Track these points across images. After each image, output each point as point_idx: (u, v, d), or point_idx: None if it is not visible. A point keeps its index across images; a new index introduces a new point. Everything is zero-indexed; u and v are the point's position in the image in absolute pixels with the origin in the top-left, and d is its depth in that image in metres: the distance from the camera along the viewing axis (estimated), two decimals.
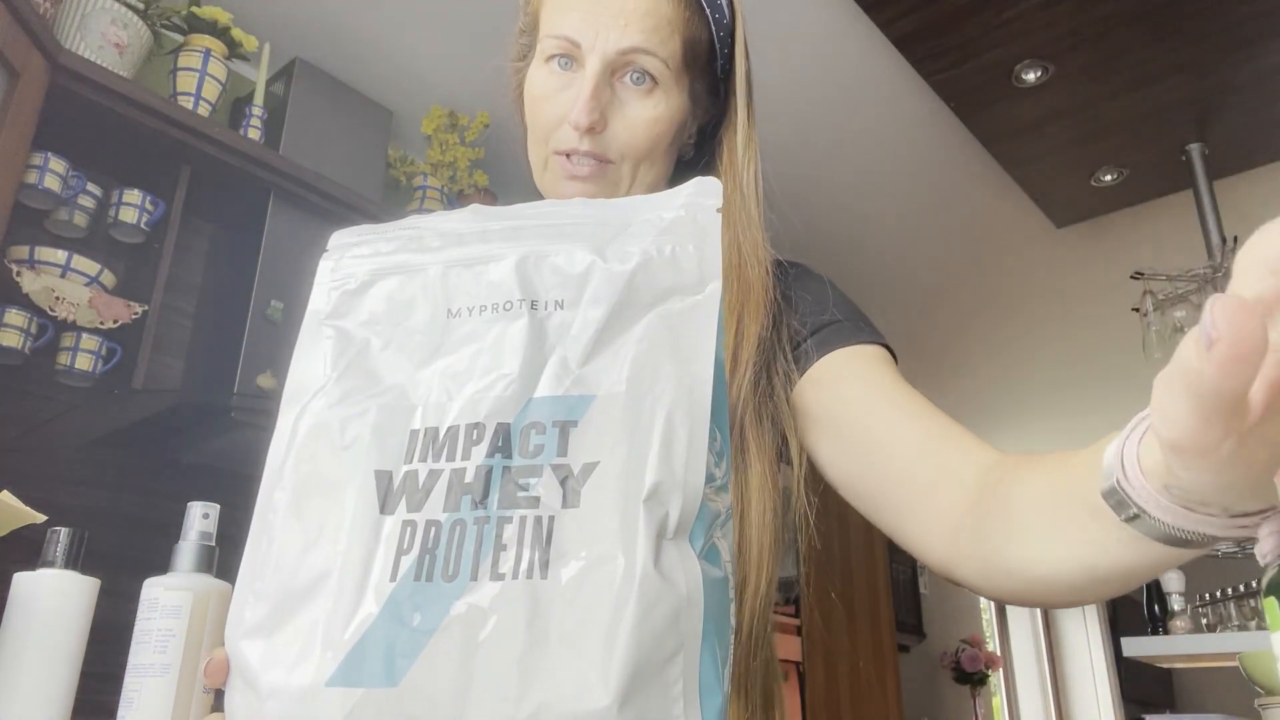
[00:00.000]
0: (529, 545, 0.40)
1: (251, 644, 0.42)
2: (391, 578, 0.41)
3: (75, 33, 1.79)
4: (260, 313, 1.95)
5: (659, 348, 0.44)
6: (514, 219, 0.50)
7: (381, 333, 0.48)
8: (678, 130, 0.78)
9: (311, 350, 0.49)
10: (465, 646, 0.39)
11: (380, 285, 0.49)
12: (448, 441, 0.43)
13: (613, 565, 0.39)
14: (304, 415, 0.47)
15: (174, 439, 1.89)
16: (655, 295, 0.46)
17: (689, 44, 0.77)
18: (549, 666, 0.38)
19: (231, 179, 2.00)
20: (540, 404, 0.43)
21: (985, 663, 4.45)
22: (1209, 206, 2.67)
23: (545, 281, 0.47)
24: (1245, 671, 1.58)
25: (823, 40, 2.36)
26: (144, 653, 0.71)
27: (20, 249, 1.75)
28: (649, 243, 0.47)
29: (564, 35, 0.75)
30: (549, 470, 0.42)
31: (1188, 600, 2.76)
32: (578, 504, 0.41)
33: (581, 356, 0.45)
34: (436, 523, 0.42)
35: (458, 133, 2.49)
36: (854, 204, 3.07)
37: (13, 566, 0.82)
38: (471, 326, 0.47)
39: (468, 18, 2.25)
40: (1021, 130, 2.68)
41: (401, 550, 0.41)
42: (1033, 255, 3.42)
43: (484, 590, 0.40)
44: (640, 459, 0.41)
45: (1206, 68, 2.43)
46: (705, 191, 0.49)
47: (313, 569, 0.42)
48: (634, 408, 0.43)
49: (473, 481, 0.42)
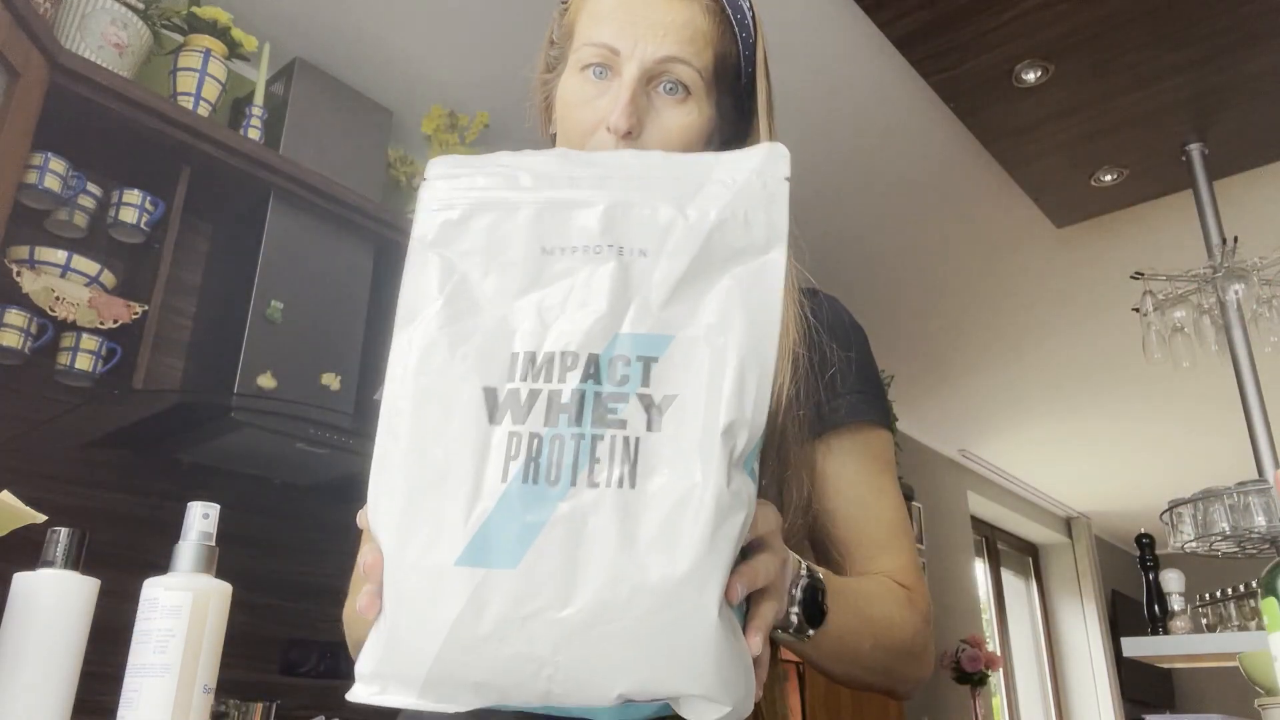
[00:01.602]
0: (619, 460, 0.48)
1: (387, 530, 0.49)
2: (503, 479, 0.48)
3: (75, 33, 1.79)
4: (260, 313, 1.95)
5: (732, 300, 0.51)
6: (600, 166, 0.56)
7: (480, 263, 0.53)
8: (706, 142, 0.80)
9: (420, 274, 0.54)
10: (569, 538, 0.46)
11: (479, 218, 0.54)
12: (544, 365, 0.50)
13: (691, 481, 0.47)
14: (418, 333, 0.52)
15: (174, 439, 1.89)
16: (729, 253, 0.52)
17: (720, 58, 0.80)
18: (638, 558, 0.46)
19: (231, 179, 2.00)
20: (625, 339, 0.50)
21: (985, 663, 4.45)
22: (1209, 206, 2.67)
23: (631, 230, 0.53)
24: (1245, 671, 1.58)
25: (822, 40, 2.36)
26: (144, 653, 0.71)
27: (20, 249, 1.75)
28: (724, 204, 0.53)
29: (603, 43, 0.77)
30: (634, 398, 0.49)
31: (1188, 600, 2.76)
32: (660, 429, 0.48)
33: (662, 300, 0.51)
34: (538, 435, 0.48)
35: (458, 133, 2.49)
36: (854, 204, 3.07)
37: (13, 566, 0.81)
38: (564, 264, 0.52)
39: (468, 18, 2.25)
40: (1021, 130, 2.68)
41: (510, 456, 0.48)
42: (1033, 255, 3.42)
43: (583, 495, 0.47)
44: (716, 397, 0.49)
45: (1206, 68, 2.43)
46: (775, 157, 0.55)
47: (436, 467, 0.49)
48: (708, 350, 0.50)
49: (569, 402, 0.49)
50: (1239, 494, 2.28)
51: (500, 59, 2.36)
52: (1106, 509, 6.50)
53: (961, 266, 3.50)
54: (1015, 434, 5.25)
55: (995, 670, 4.59)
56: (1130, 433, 5.08)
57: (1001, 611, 5.87)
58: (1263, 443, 2.41)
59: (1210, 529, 2.31)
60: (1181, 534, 2.41)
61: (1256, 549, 2.39)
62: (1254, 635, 2.39)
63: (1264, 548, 2.37)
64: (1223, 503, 2.29)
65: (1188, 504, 2.40)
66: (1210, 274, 2.57)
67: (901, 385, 4.14)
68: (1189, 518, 2.39)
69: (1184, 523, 2.41)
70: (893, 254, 3.40)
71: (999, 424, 5.11)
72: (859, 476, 0.79)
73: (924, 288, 3.65)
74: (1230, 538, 2.30)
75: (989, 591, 5.81)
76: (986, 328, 4.01)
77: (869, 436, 0.80)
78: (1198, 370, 2.73)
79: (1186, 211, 2.81)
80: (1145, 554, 3.00)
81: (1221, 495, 2.30)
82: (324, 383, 2.02)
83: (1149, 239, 3.24)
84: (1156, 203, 3.04)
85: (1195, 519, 2.36)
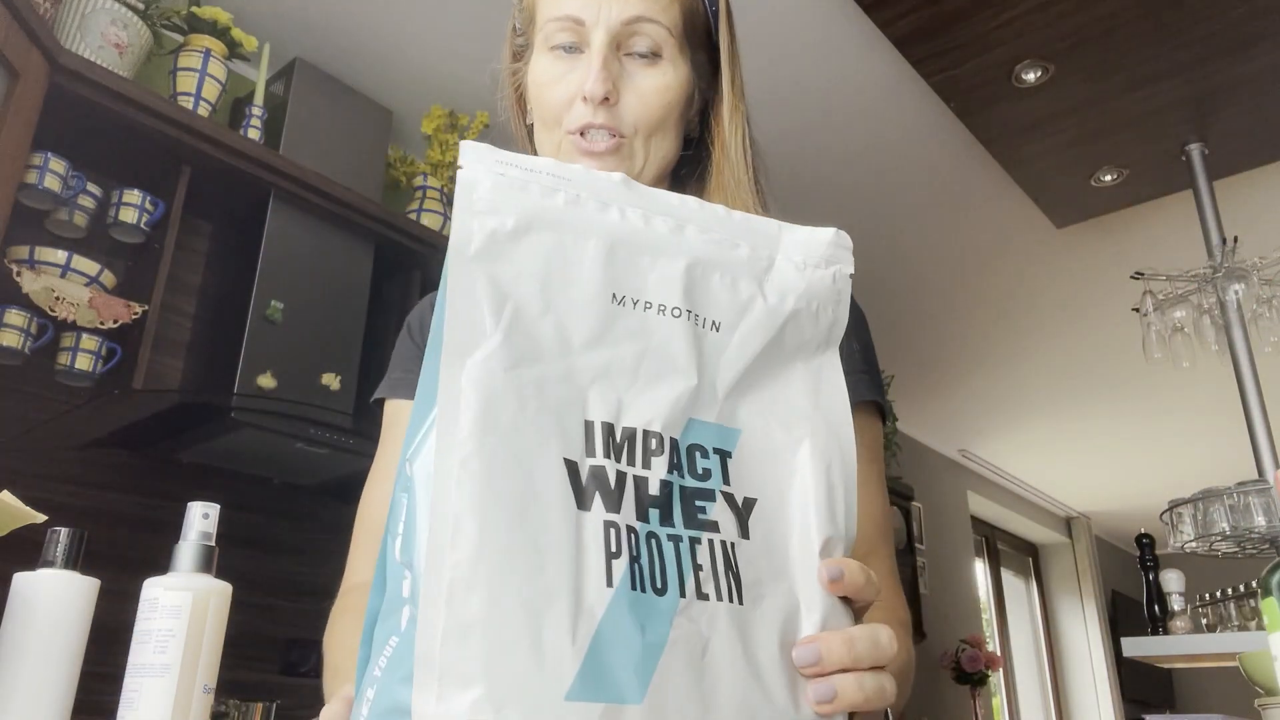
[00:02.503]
0: (721, 570, 0.41)
1: (467, 645, 0.35)
2: (608, 583, 0.38)
3: (75, 33, 1.79)
4: (260, 313, 1.95)
5: (802, 399, 0.46)
6: (673, 213, 0.48)
7: (538, 294, 0.43)
8: (686, 102, 0.79)
9: (468, 296, 0.41)
10: (692, 665, 0.38)
11: (537, 237, 0.44)
12: (626, 443, 0.41)
13: (795, 603, 0.42)
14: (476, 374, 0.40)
15: (174, 439, 1.89)
16: (796, 346, 0.48)
17: (687, 14, 0.79)
18: (766, 690, 0.39)
19: (231, 179, 2.00)
20: (699, 427, 0.43)
21: (985, 663, 4.45)
22: (1209, 206, 2.67)
23: (710, 298, 0.46)
24: (1245, 671, 1.58)
25: (822, 40, 2.36)
26: (144, 653, 0.71)
27: (20, 249, 1.75)
28: (801, 293, 0.48)
29: (566, 15, 0.76)
30: (720, 496, 0.42)
31: (1188, 600, 2.76)
32: (749, 536, 0.42)
33: (728, 387, 0.45)
34: (634, 529, 0.39)
35: (458, 133, 2.49)
36: (853, 204, 3.07)
37: (13, 566, 0.82)
38: (637, 322, 0.44)
39: (468, 17, 2.25)
40: (1021, 130, 2.68)
41: (610, 553, 0.38)
42: (1033, 255, 3.42)
43: (694, 609, 0.39)
44: (804, 508, 0.43)
45: (1206, 68, 2.43)
46: (842, 248, 0.51)
47: (525, 562, 0.37)
48: (785, 451, 0.45)
49: (657, 494, 0.41)
50: (1239, 494, 2.28)
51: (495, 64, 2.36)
52: (1106, 509, 6.50)
53: (961, 266, 3.50)
54: (1015, 434, 5.25)
55: (995, 670, 4.59)
56: (1130, 433, 5.08)
57: (1001, 611, 5.87)
58: (1263, 443, 2.40)
59: (1210, 529, 2.31)
60: (1181, 534, 2.41)
61: (1256, 549, 2.39)
62: (1254, 635, 2.39)
63: (1264, 548, 2.37)
64: (1223, 503, 2.29)
65: (1188, 504, 2.40)
66: (1210, 274, 2.57)
67: (901, 385, 4.14)
68: (1189, 518, 2.39)
69: (1184, 523, 2.41)
70: (892, 254, 3.40)
71: (999, 424, 5.11)
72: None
73: (924, 288, 3.65)
74: (1230, 538, 2.30)
75: (989, 591, 5.81)
76: (986, 328, 4.01)
77: (864, 422, 0.76)
78: (1198, 370, 2.73)
79: (1186, 211, 2.81)
80: (1145, 554, 3.00)
81: (1221, 495, 2.30)
82: (324, 383, 2.02)
83: (1149, 239, 3.24)
84: (1156, 203, 3.04)
85: (1195, 519, 2.36)
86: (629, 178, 0.49)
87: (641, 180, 0.78)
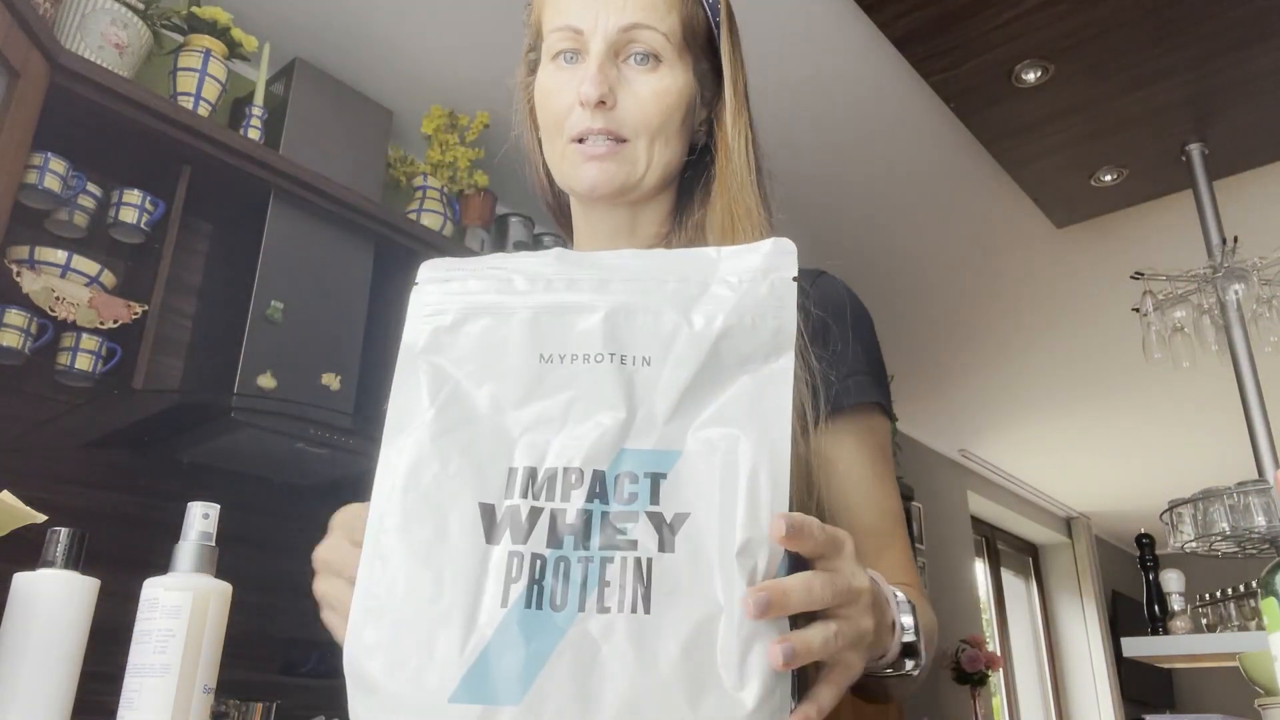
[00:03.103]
0: (630, 583, 0.45)
1: (373, 660, 0.45)
2: (503, 603, 0.44)
3: (75, 33, 1.79)
4: (260, 313, 1.95)
5: (740, 412, 0.49)
6: (599, 268, 0.53)
7: (475, 372, 0.51)
8: (687, 108, 0.80)
9: (410, 384, 0.51)
10: (579, 670, 0.43)
11: (472, 324, 0.52)
12: (546, 482, 0.47)
13: (714, 606, 0.44)
14: (408, 445, 0.49)
15: (174, 439, 1.89)
16: (736, 361, 0.50)
17: (686, 22, 0.79)
18: (660, 689, 0.43)
19: (231, 179, 2.00)
20: (631, 455, 0.48)
21: (985, 663, 4.45)
22: (1209, 206, 2.67)
23: (634, 337, 0.51)
24: (1245, 671, 1.58)
25: (822, 40, 2.36)
26: (144, 653, 0.71)
27: (20, 249, 1.75)
28: (730, 309, 0.51)
29: (565, 25, 0.78)
30: (644, 517, 0.46)
31: (1188, 600, 2.76)
32: (673, 549, 0.46)
33: (667, 412, 0.49)
34: (541, 556, 0.45)
35: (458, 133, 2.49)
36: (853, 205, 3.07)
37: (13, 566, 0.81)
38: (564, 373, 0.50)
39: (468, 17, 2.25)
40: (1021, 130, 2.68)
41: (510, 579, 0.45)
42: (1033, 255, 3.42)
43: (593, 621, 0.44)
44: (729, 515, 0.46)
45: (1206, 68, 2.43)
46: (781, 255, 0.53)
47: (427, 591, 0.45)
48: (718, 465, 0.47)
49: (574, 522, 0.46)
50: (1239, 494, 2.28)
51: (500, 59, 2.35)
52: (1106, 509, 6.50)
53: (962, 266, 3.50)
54: (1015, 434, 5.25)
55: (995, 670, 4.59)
56: (1130, 433, 5.08)
57: (1001, 611, 5.87)
58: (1263, 443, 2.40)
59: (1210, 529, 2.31)
60: (1181, 534, 2.41)
61: (1256, 549, 2.39)
62: (1254, 635, 2.39)
63: (1264, 548, 2.37)
64: (1223, 503, 2.29)
65: (1188, 504, 2.40)
66: (1210, 274, 2.57)
67: (901, 385, 4.14)
68: (1189, 518, 2.39)
69: (1184, 523, 2.41)
70: (892, 254, 3.40)
71: (999, 424, 5.11)
72: (860, 460, 0.75)
73: (924, 288, 3.65)
74: (1230, 538, 2.30)
75: (989, 591, 5.81)
76: (987, 327, 4.01)
77: (871, 422, 0.77)
78: (1198, 370, 2.73)
79: (1186, 211, 2.81)
80: (1145, 554, 3.00)
81: (1221, 495, 2.30)
82: (324, 383, 2.02)
83: (1149, 239, 3.24)
84: (1156, 203, 3.04)
85: (1195, 519, 2.36)
86: (564, 250, 0.56)
87: (645, 184, 0.79)
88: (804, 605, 0.47)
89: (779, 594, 0.45)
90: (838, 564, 0.50)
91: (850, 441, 0.75)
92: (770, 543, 0.46)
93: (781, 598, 0.45)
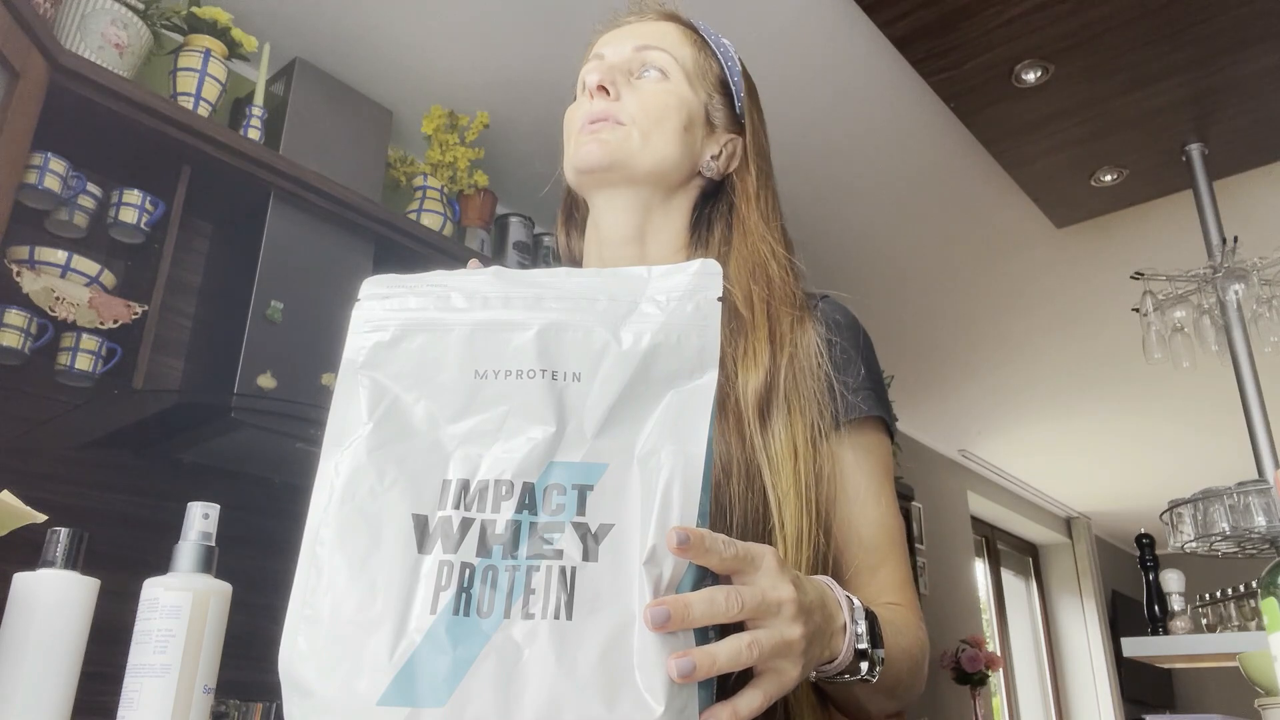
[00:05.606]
0: (554, 591, 0.46)
1: (306, 665, 0.47)
2: (432, 610, 0.46)
3: (75, 33, 1.79)
4: (260, 313, 1.95)
5: (663, 426, 0.51)
6: (534, 286, 0.55)
7: (412, 386, 0.53)
8: (688, 115, 0.84)
9: (349, 398, 0.53)
10: (502, 673, 0.44)
11: (410, 340, 0.54)
12: (478, 494, 0.49)
13: (630, 613, 0.46)
14: (345, 458, 0.51)
15: (174, 439, 1.89)
16: (662, 378, 0.52)
17: (697, 60, 0.87)
18: (578, 692, 0.44)
19: (231, 179, 2.00)
20: (560, 468, 0.49)
21: (985, 663, 4.45)
22: (1209, 206, 2.67)
23: (565, 354, 0.52)
24: (1245, 671, 1.58)
25: (822, 40, 2.36)
26: (144, 653, 0.71)
27: (20, 249, 1.75)
28: (658, 328, 0.53)
29: (595, 54, 0.88)
30: (570, 527, 0.48)
31: (1188, 600, 2.76)
32: (596, 559, 0.47)
33: (595, 427, 0.50)
34: (470, 565, 0.47)
35: (458, 133, 2.49)
36: (853, 205, 3.07)
37: (13, 566, 0.81)
38: (497, 389, 0.52)
39: (468, 18, 2.25)
40: (1021, 130, 2.68)
41: (440, 586, 0.47)
42: (1033, 255, 3.42)
43: (517, 627, 0.46)
44: (645, 526, 0.48)
45: (1206, 68, 2.42)
46: (707, 276, 0.55)
47: (359, 599, 0.47)
48: (640, 478, 0.49)
49: (503, 532, 0.48)
50: (1239, 494, 2.28)
51: (500, 59, 2.36)
52: (1106, 509, 6.50)
53: (962, 266, 3.50)
54: (1015, 434, 5.25)
55: (995, 670, 4.59)
56: (1130, 433, 5.08)
57: (1001, 611, 5.87)
58: (1263, 443, 2.40)
59: (1210, 529, 2.31)
60: (1181, 534, 2.41)
61: (1256, 549, 2.39)
62: (1254, 635, 2.39)
63: (1264, 548, 2.37)
64: (1223, 503, 2.29)
65: (1188, 504, 2.40)
66: (1210, 274, 2.57)
67: (901, 385, 4.14)
68: (1189, 518, 2.39)
69: (1184, 523, 2.40)
70: (892, 254, 3.40)
71: (999, 424, 5.11)
72: (858, 475, 0.76)
73: (924, 288, 3.65)
74: (1230, 538, 2.30)
75: (989, 591, 5.81)
76: (987, 328, 4.01)
77: (871, 439, 0.78)
78: (1198, 370, 2.73)
79: (1186, 211, 2.81)
80: (1145, 554, 3.00)
81: (1221, 495, 2.30)
82: (324, 383, 2.02)
83: (1149, 239, 3.24)
84: (1156, 203, 3.04)
85: (1195, 519, 2.36)
86: (501, 268, 0.58)
87: (638, 167, 0.82)
88: (708, 619, 0.48)
89: (680, 608, 0.46)
90: (753, 578, 0.51)
91: (850, 456, 0.76)
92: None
93: (682, 610, 0.46)
